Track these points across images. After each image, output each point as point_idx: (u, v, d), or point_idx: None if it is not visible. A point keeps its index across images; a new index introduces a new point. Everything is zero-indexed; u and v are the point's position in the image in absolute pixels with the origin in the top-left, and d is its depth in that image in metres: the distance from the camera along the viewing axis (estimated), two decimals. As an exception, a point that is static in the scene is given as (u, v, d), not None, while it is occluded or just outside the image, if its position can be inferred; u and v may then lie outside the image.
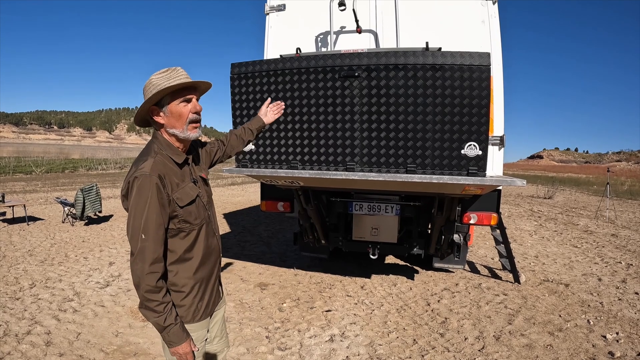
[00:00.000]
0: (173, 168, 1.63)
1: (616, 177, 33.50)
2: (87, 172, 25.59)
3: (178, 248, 1.64)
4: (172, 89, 1.58)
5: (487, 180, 2.69)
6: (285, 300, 4.57)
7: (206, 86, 1.72)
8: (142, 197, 1.50)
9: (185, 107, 1.63)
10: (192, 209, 1.65)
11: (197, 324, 1.71)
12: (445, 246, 4.46)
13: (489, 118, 2.65)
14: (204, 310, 1.73)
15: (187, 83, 1.60)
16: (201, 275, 1.71)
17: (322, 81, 2.80)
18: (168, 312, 1.54)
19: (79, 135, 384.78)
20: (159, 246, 1.53)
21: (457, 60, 2.60)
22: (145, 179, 1.51)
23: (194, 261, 1.68)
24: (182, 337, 1.58)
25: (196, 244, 1.68)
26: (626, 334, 3.87)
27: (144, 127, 1.73)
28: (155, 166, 1.55)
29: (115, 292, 4.63)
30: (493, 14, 3.98)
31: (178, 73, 1.60)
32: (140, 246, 1.49)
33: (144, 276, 1.49)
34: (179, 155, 1.67)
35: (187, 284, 1.66)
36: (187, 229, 1.64)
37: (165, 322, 1.53)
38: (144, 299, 1.51)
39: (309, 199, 4.12)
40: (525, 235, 8.83)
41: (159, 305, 1.52)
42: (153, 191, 1.51)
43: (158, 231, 1.53)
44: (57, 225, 8.48)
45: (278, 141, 3.01)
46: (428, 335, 3.77)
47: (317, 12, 4.19)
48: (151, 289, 1.50)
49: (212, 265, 1.78)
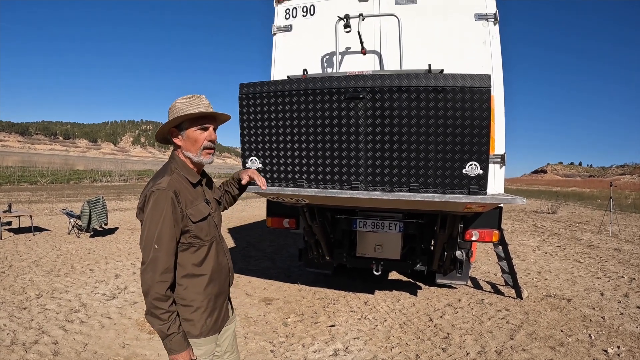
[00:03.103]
0: (187, 187, 1.74)
1: (620, 191, 33.40)
2: (92, 184, 25.77)
3: (188, 263, 1.71)
4: (192, 116, 1.70)
5: (488, 198, 2.76)
6: (289, 315, 4.62)
7: (225, 118, 1.85)
8: (158, 210, 1.61)
9: (202, 134, 1.74)
10: (204, 226, 1.74)
11: (204, 339, 1.75)
12: (448, 262, 4.50)
13: (489, 138, 2.73)
14: (212, 327, 1.78)
15: (206, 112, 1.72)
16: (211, 291, 1.76)
17: (328, 102, 2.90)
18: (172, 321, 1.61)
19: (84, 147, 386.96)
20: (170, 257, 1.62)
21: (459, 82, 2.69)
22: (161, 194, 1.62)
23: (204, 277, 1.74)
24: (182, 346, 1.64)
25: (206, 260, 1.75)
26: (627, 347, 3.89)
27: (164, 144, 1.86)
28: (171, 183, 1.67)
29: (121, 305, 4.69)
30: (494, 34, 4.10)
31: (201, 101, 1.72)
32: (152, 256, 1.59)
33: (154, 284, 1.58)
34: (194, 176, 1.78)
35: (196, 299, 1.72)
36: (197, 245, 1.72)
37: (169, 330, 1.60)
38: (151, 306, 1.59)
39: (314, 216, 4.18)
40: (529, 251, 8.84)
41: (165, 313, 1.59)
42: (168, 205, 1.61)
43: (170, 243, 1.62)
44: (62, 236, 8.58)
45: (285, 160, 3.10)
46: (430, 350, 3.81)
47: (323, 34, 4.32)
48: (160, 297, 1.58)
49: (221, 282, 1.83)
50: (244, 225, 11.15)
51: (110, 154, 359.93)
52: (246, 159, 3.21)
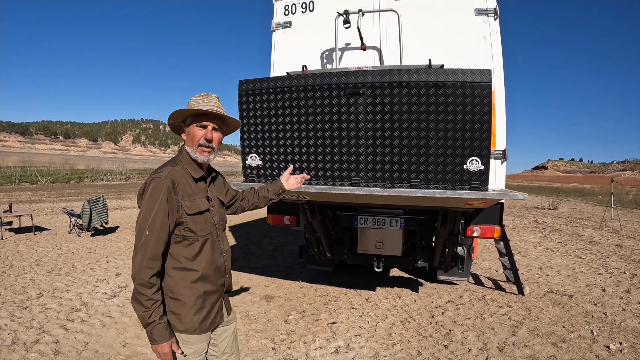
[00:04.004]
0: (189, 180, 1.77)
1: (621, 187, 33.38)
2: (93, 183, 25.76)
3: (180, 255, 1.72)
4: (192, 112, 1.77)
5: (489, 194, 2.75)
6: (290, 313, 4.61)
7: (234, 122, 1.90)
8: (154, 197, 1.65)
9: (200, 131, 1.78)
10: (199, 220, 1.75)
11: (194, 337, 1.75)
12: (449, 259, 4.50)
13: (490, 133, 2.71)
14: (199, 325, 1.75)
15: (204, 111, 1.75)
16: (200, 288, 1.75)
17: (328, 98, 2.89)
18: (154, 310, 1.61)
19: (85, 146, 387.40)
20: (160, 245, 1.64)
21: (459, 78, 2.67)
22: (160, 182, 1.66)
23: (195, 273, 1.73)
24: (164, 336, 1.63)
25: (199, 256, 1.75)
26: (630, 344, 3.88)
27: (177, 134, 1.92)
28: (171, 173, 1.71)
29: (122, 303, 4.69)
30: (494, 29, 4.07)
31: (209, 100, 1.78)
32: (143, 241, 1.61)
33: (140, 269, 1.59)
34: (196, 171, 1.81)
35: (185, 294, 1.71)
36: (191, 239, 1.73)
37: (150, 318, 1.60)
38: (135, 291, 1.60)
39: (314, 213, 4.17)
40: (530, 247, 8.82)
41: (148, 300, 1.59)
42: (164, 193, 1.65)
43: (162, 230, 1.64)
44: (63, 235, 8.57)
45: (285, 156, 3.09)
46: (432, 347, 3.80)
47: (323, 30, 4.30)
48: (144, 283, 1.59)
49: (214, 282, 1.81)
50: (244, 223, 11.14)
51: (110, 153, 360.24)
52: (246, 156, 3.20)
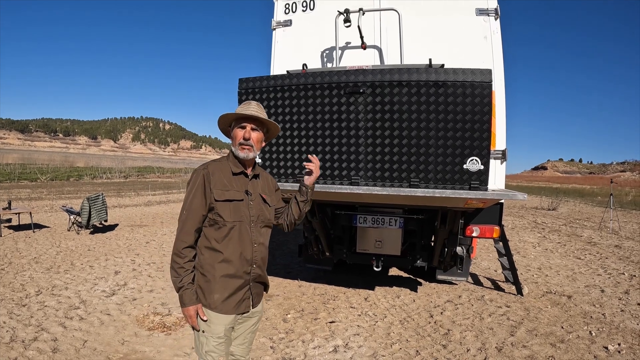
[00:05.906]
0: (227, 173, 2.01)
1: (620, 188, 33.40)
2: (92, 181, 25.75)
3: (211, 237, 1.94)
4: (233, 117, 2.04)
5: (489, 194, 2.74)
6: (289, 311, 4.61)
7: (274, 127, 2.14)
8: (192, 183, 1.96)
9: (240, 132, 2.02)
10: (228, 207, 1.94)
11: (212, 314, 1.92)
12: (448, 258, 4.49)
13: (490, 133, 2.71)
14: (220, 305, 1.92)
15: (240, 115, 1.99)
16: (225, 270, 1.92)
17: (328, 97, 2.88)
18: (185, 276, 1.87)
19: (84, 144, 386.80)
20: (195, 223, 1.91)
21: (460, 77, 2.67)
22: (198, 171, 1.97)
23: (220, 254, 1.93)
24: (192, 300, 1.88)
25: (225, 240, 1.93)
26: (628, 344, 3.88)
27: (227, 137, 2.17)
28: (211, 166, 2.00)
29: (121, 301, 4.68)
30: (495, 29, 4.06)
31: (247, 107, 2.01)
32: (182, 218, 1.92)
33: (177, 241, 1.90)
34: (237, 167, 2.04)
35: (209, 272, 1.92)
36: (220, 223, 1.93)
37: (180, 283, 1.87)
38: (171, 260, 1.90)
39: (314, 212, 4.17)
40: (529, 247, 8.83)
41: (180, 268, 1.88)
42: (200, 181, 1.93)
43: (197, 212, 1.92)
44: (62, 233, 8.56)
45: (284, 155, 3.08)
46: (431, 347, 3.80)
47: (323, 28, 4.29)
48: (178, 252, 1.88)
49: (238, 268, 1.95)
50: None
51: (110, 151, 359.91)
52: None
